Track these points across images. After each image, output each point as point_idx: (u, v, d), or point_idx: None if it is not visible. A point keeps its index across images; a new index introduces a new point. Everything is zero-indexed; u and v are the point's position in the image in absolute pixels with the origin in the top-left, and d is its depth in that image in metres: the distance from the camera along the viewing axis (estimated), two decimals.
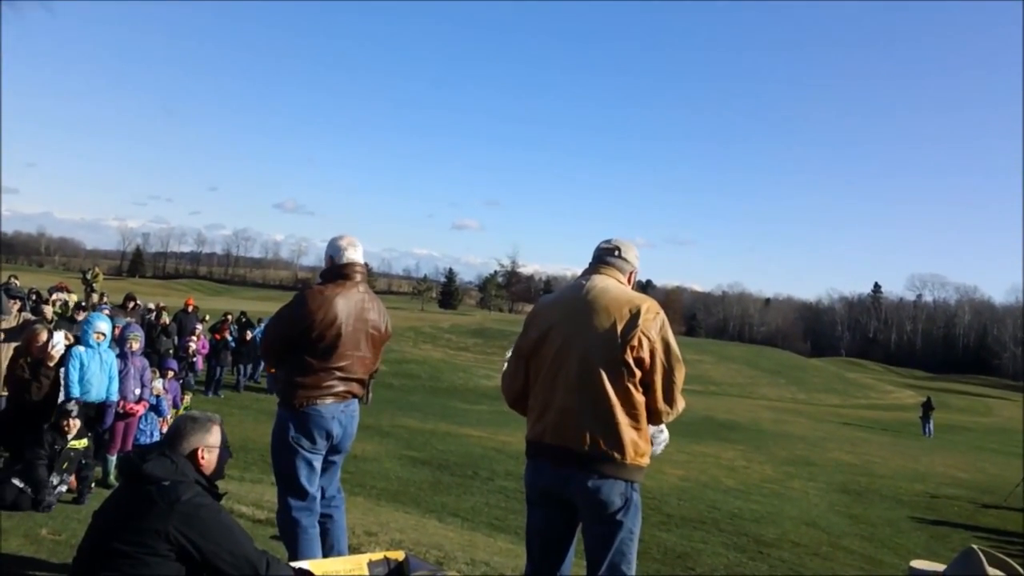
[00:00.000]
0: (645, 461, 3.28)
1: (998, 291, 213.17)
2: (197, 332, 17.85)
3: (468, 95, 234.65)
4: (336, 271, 4.39)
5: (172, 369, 10.37)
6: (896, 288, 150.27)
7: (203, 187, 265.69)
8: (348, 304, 4.30)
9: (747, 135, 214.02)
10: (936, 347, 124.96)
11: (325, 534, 4.41)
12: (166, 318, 17.67)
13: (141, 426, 8.41)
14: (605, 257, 3.54)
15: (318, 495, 4.33)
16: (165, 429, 9.01)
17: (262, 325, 22.03)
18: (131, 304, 16.37)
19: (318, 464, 4.29)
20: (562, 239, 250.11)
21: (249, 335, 19.68)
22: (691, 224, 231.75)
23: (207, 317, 21.52)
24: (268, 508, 6.38)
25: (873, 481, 17.84)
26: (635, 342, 3.21)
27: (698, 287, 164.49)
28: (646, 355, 3.22)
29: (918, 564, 2.30)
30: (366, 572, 3.92)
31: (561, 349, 3.31)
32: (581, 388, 3.25)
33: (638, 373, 3.22)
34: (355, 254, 4.44)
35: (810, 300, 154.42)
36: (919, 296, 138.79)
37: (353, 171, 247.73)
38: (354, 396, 4.40)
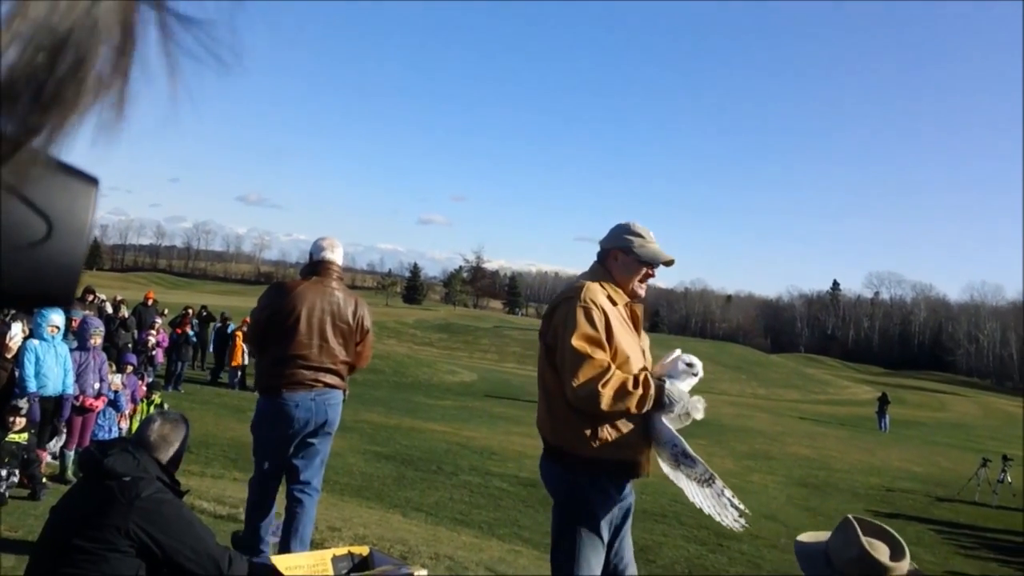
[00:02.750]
0: (582, 450, 3.13)
1: (953, 289, 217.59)
2: (156, 326, 17.61)
3: (437, 90, 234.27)
4: (311, 267, 4.74)
5: (131, 364, 10.22)
6: (854, 286, 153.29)
7: (164, 178, 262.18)
8: (315, 298, 4.56)
9: (711, 133, 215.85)
10: (892, 344, 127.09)
11: (292, 519, 4.59)
12: (125, 311, 17.42)
13: (99, 421, 8.29)
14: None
15: (278, 475, 4.64)
16: (123, 424, 8.90)
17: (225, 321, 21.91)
18: (90, 297, 16.12)
19: (282, 448, 4.56)
20: (528, 234, 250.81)
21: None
22: (654, 220, 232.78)
23: (167, 311, 21.26)
24: (230, 504, 6.33)
25: (830, 475, 18.12)
26: (549, 332, 3.23)
27: (661, 284, 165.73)
28: (553, 339, 3.19)
29: (804, 537, 2.36)
30: (330, 567, 3.91)
31: None
32: (538, 380, 3.32)
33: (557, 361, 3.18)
34: (332, 254, 4.77)
35: (771, 297, 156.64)
36: (876, 294, 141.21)
37: (319, 164, 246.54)
38: (328, 386, 4.60)
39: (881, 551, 2.09)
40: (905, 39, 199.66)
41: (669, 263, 3.44)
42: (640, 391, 3.07)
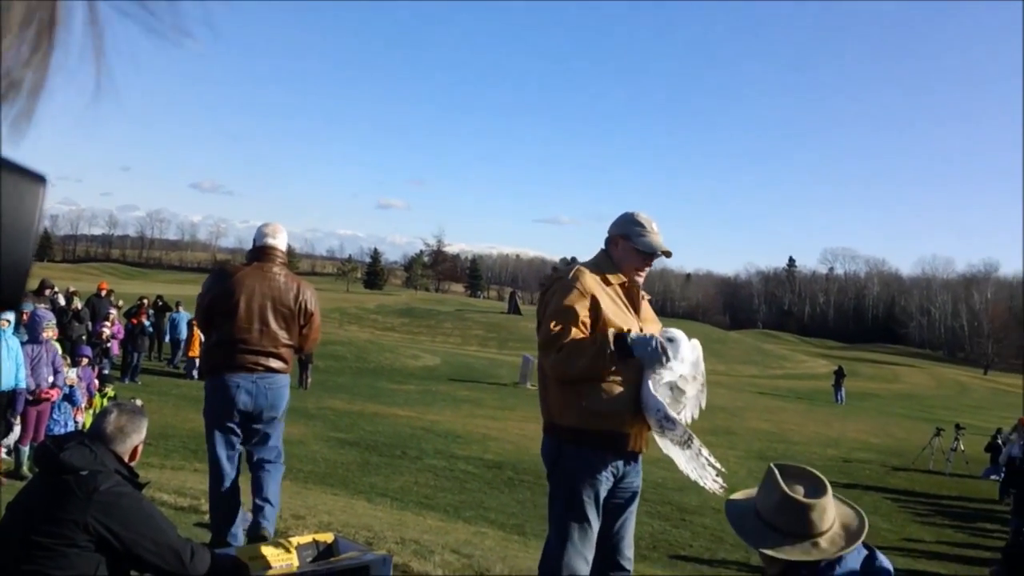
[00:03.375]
0: (567, 421, 3.28)
1: (905, 263, 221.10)
2: (111, 317, 17.32)
3: (392, 72, 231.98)
4: (254, 253, 4.81)
5: (86, 356, 10.05)
6: (809, 262, 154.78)
7: (115, 167, 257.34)
8: (255, 283, 4.64)
9: (666, 114, 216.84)
10: (847, 318, 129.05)
11: (258, 481, 4.71)
12: (78, 303, 17.10)
13: (55, 416, 8.16)
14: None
15: (232, 457, 4.70)
16: (79, 418, 8.76)
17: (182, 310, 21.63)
18: (46, 290, 15.81)
19: (230, 430, 4.66)
20: (488, 217, 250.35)
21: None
22: (614, 200, 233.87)
23: (121, 303, 20.92)
24: (191, 495, 6.27)
25: (789, 448, 18.44)
26: (540, 309, 3.41)
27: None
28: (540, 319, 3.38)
29: (736, 496, 2.40)
30: (295, 556, 3.89)
31: None
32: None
33: None
34: (274, 240, 4.81)
35: (729, 275, 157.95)
36: (831, 269, 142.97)
37: (275, 150, 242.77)
38: (269, 369, 4.65)
39: (799, 491, 2.12)
40: (846, 10, 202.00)
41: (667, 254, 3.56)
42: (595, 346, 3.19)
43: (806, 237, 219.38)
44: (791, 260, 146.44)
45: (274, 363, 4.68)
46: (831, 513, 2.13)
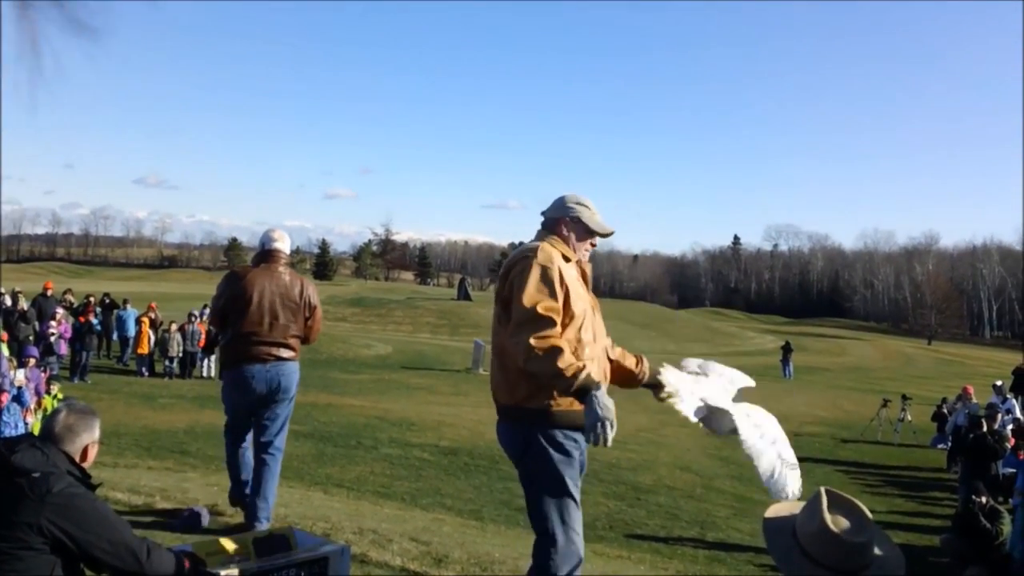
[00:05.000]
0: (536, 403, 3.19)
1: (848, 238, 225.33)
2: (58, 316, 17.01)
3: (337, 59, 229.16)
4: (261, 256, 5.47)
5: (32, 357, 9.89)
6: (754, 239, 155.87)
7: (57, 165, 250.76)
8: (265, 282, 5.27)
9: (611, 96, 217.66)
10: (793, 293, 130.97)
11: (257, 476, 5.34)
12: (24, 303, 16.75)
13: (5, 418, 8.03)
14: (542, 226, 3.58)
15: (245, 435, 5.50)
16: (29, 419, 8.62)
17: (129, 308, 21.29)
18: None
19: (245, 414, 5.40)
20: (436, 205, 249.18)
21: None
22: (561, 185, 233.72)
23: (73, 301, 20.54)
24: (145, 493, 6.21)
25: None
26: (505, 288, 3.28)
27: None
28: (508, 294, 3.25)
29: (771, 512, 2.35)
30: (252, 550, 3.89)
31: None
32: (492, 341, 3.40)
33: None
34: (279, 244, 5.50)
35: (675, 255, 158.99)
36: (775, 246, 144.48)
37: (218, 141, 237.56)
38: (279, 359, 5.29)
39: (842, 526, 2.07)
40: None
41: (609, 234, 3.60)
42: (574, 374, 3.05)
43: (750, 215, 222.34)
44: (736, 238, 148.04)
45: (284, 352, 5.31)
46: (868, 554, 2.12)
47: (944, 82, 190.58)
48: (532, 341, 3.06)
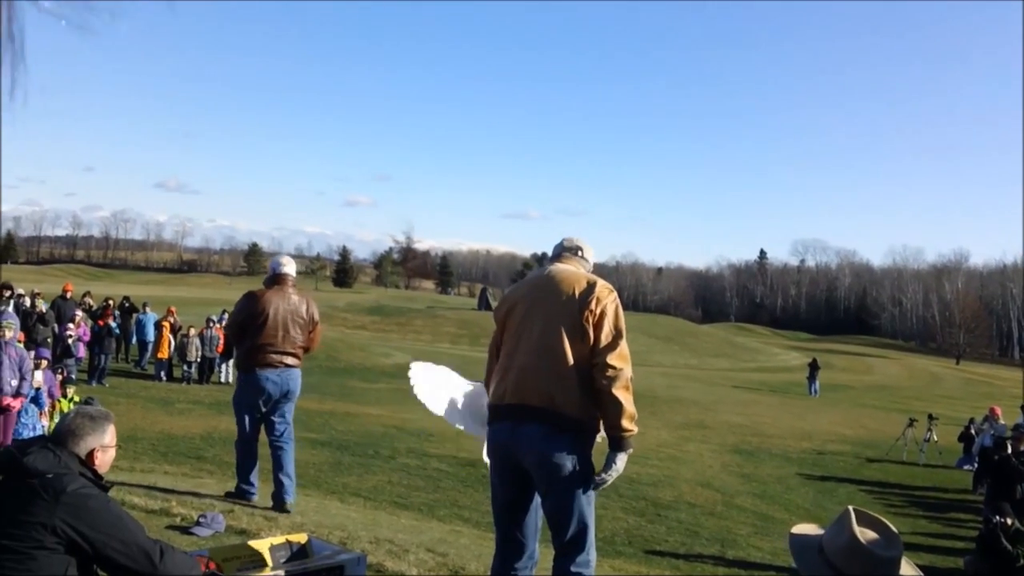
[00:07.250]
0: (595, 424, 3.55)
1: (876, 254, 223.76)
2: (77, 319, 17.09)
3: (356, 67, 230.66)
4: (273, 279, 6.47)
5: (45, 359, 9.91)
6: (781, 254, 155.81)
7: (78, 167, 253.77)
8: (279, 301, 6.29)
9: (636, 106, 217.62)
10: (819, 310, 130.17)
11: (278, 460, 6.31)
12: (42, 305, 16.86)
13: (23, 419, 8.02)
14: (567, 252, 3.88)
15: (256, 435, 6.40)
16: (44, 422, 8.63)
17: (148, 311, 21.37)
18: (7, 293, 15.57)
19: (257, 412, 6.30)
20: (456, 213, 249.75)
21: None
22: (583, 195, 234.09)
23: (92, 304, 20.66)
24: (161, 498, 6.19)
25: (763, 441, 18.54)
26: (592, 307, 3.49)
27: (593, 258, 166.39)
28: (598, 319, 3.50)
29: (797, 529, 2.35)
30: (268, 557, 3.85)
31: (525, 317, 3.62)
32: (542, 348, 3.51)
33: (591, 337, 3.48)
34: (287, 268, 6.55)
35: (700, 268, 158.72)
36: (802, 261, 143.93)
37: (240, 148, 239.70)
38: (288, 366, 6.31)
39: (871, 539, 2.09)
40: (820, 7, 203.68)
41: None
42: (634, 424, 3.58)
43: (777, 229, 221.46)
44: (762, 252, 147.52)
45: (292, 360, 6.35)
46: (896, 570, 2.10)
47: (978, 101, 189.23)
48: (630, 374, 3.51)
